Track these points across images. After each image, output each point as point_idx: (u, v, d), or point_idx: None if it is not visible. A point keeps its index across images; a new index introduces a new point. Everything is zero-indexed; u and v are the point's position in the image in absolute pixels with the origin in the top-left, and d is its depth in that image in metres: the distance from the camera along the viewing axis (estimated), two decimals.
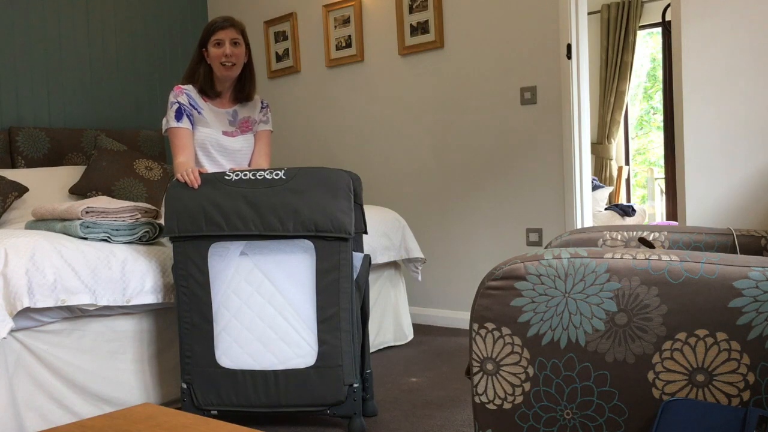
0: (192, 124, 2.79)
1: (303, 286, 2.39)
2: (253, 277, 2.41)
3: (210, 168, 2.84)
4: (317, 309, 2.37)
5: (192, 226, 2.38)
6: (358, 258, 2.53)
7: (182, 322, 2.43)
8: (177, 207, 2.39)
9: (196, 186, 2.39)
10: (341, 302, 2.37)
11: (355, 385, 2.37)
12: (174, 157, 2.74)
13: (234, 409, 2.42)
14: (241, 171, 2.40)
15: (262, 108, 2.99)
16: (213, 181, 2.39)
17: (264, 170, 2.39)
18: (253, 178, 2.37)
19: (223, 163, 2.86)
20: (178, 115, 2.75)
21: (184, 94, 2.79)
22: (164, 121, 2.80)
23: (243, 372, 2.40)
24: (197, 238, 2.40)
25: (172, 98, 2.78)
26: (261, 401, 2.40)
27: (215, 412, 2.44)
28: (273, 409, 2.40)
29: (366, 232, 2.62)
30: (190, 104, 2.79)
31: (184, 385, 2.43)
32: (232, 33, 2.75)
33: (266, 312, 2.40)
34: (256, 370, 2.39)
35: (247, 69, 2.87)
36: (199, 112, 2.80)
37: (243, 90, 2.89)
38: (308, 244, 2.38)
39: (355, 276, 2.45)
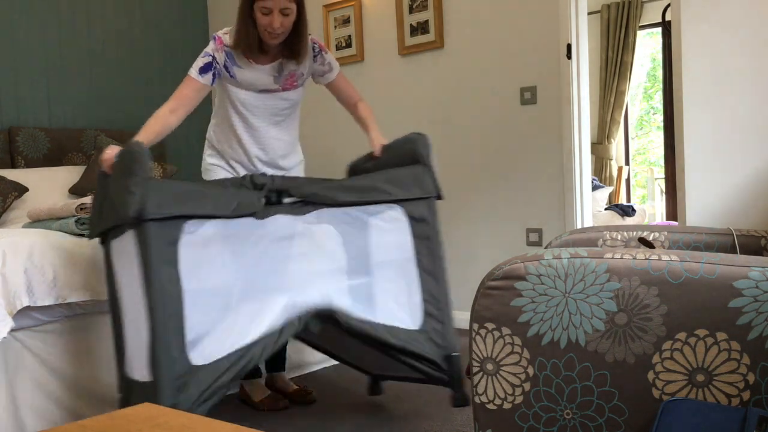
0: (213, 82, 2.53)
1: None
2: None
3: (240, 124, 2.61)
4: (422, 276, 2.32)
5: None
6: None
7: None
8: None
9: (108, 171, 2.15)
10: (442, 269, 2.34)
11: (456, 354, 2.29)
12: (167, 101, 2.47)
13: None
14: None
15: (315, 55, 2.62)
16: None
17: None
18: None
19: (251, 120, 2.61)
20: (204, 69, 2.49)
21: (224, 52, 2.50)
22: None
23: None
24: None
25: (209, 49, 2.50)
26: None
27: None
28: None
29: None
30: (225, 65, 2.51)
31: None
32: (284, 2, 2.38)
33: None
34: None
35: (299, 25, 2.48)
36: (231, 75, 2.53)
37: (291, 47, 2.52)
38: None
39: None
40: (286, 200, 2.22)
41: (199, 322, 2.01)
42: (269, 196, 2.20)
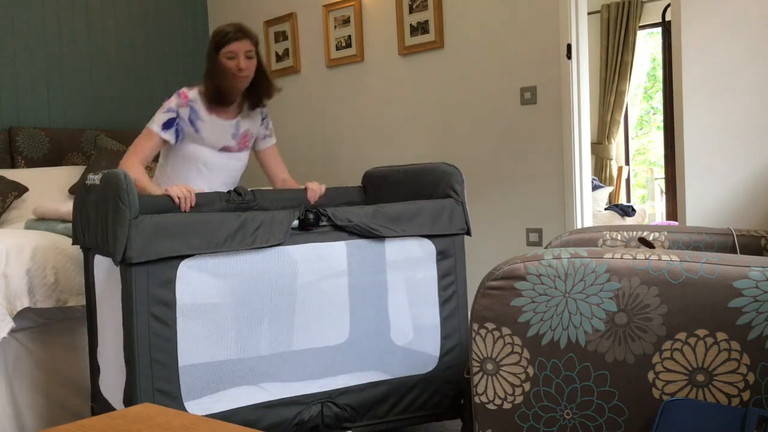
0: (177, 139, 2.61)
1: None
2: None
3: (198, 181, 2.68)
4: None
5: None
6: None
7: None
8: None
9: (187, 210, 2.20)
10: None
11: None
12: (127, 156, 2.56)
13: None
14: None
15: (262, 120, 2.80)
16: None
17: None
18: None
19: (210, 178, 2.70)
20: (166, 126, 2.56)
21: (188, 107, 2.58)
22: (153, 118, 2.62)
23: None
24: None
25: (172, 104, 2.57)
26: None
27: None
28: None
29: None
30: (190, 119, 2.58)
31: None
32: (247, 45, 2.56)
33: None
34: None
35: (261, 68, 2.66)
36: (196, 131, 2.60)
37: (258, 89, 2.68)
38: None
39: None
40: (323, 223, 2.12)
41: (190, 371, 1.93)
42: (307, 215, 2.09)
